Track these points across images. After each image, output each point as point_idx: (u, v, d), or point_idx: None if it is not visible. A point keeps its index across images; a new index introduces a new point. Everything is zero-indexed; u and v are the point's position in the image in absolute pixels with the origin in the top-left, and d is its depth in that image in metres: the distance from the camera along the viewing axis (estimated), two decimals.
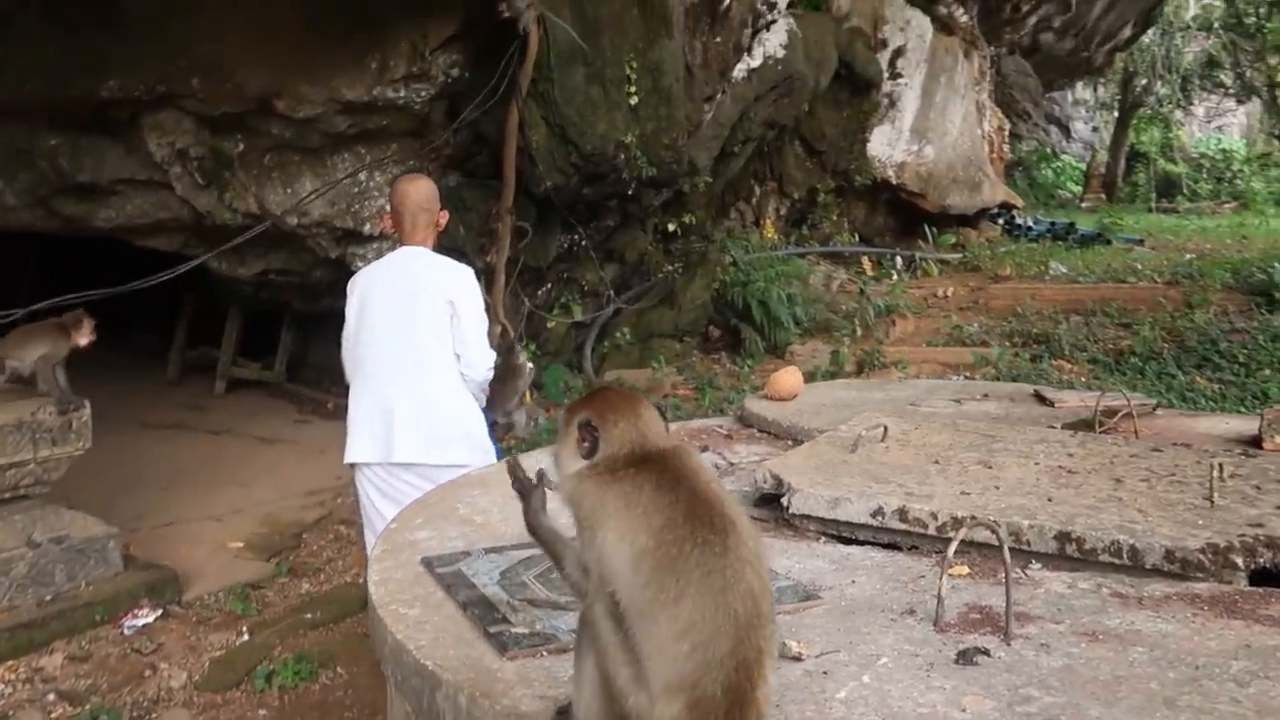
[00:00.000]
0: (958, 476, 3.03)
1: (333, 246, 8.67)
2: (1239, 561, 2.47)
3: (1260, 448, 3.64)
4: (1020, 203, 16.09)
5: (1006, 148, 16.08)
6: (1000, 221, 15.46)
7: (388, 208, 4.48)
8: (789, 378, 4.44)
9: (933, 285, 12.38)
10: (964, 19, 14.07)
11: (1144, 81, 28.24)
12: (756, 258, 10.90)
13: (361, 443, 4.16)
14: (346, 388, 4.34)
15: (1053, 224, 16.45)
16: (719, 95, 9.86)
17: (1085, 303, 10.76)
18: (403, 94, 7.94)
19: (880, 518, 2.82)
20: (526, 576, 2.63)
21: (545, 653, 2.21)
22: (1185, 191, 27.58)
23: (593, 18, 8.01)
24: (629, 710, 1.64)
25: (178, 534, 6.68)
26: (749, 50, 10.15)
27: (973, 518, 2.63)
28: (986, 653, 2.13)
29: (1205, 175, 29.09)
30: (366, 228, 8.49)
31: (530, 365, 4.91)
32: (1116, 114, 29.57)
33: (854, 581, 2.57)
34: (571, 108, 8.09)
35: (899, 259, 13.09)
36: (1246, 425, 4.06)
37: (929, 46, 12.91)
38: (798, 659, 2.14)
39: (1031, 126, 20.16)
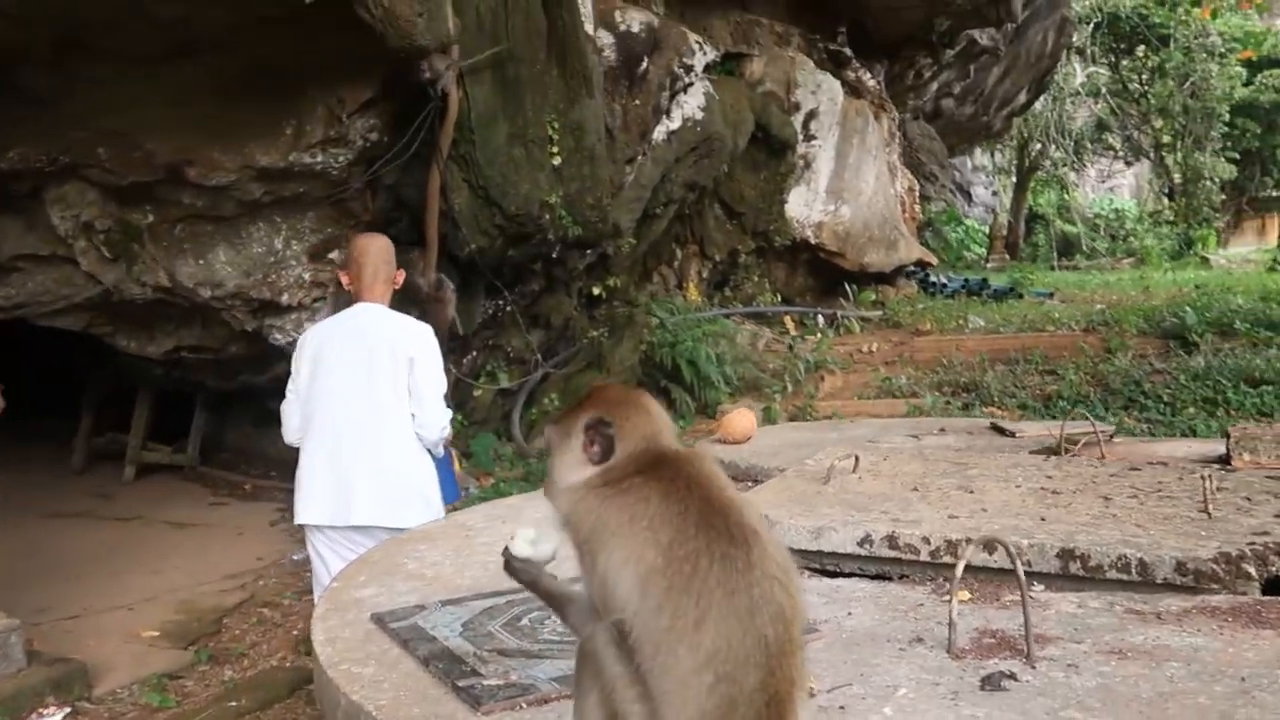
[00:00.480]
0: (941, 502, 2.88)
1: (248, 319, 8.33)
2: (1252, 571, 2.35)
3: (1230, 465, 3.58)
4: (935, 260, 16.37)
5: (918, 208, 16.36)
6: (916, 279, 15.68)
7: (341, 263, 4.45)
8: (742, 419, 4.28)
9: (856, 341, 12.42)
10: (871, 83, 14.38)
11: (1039, 146, 29.25)
12: (683, 319, 10.81)
13: (315, 504, 3.99)
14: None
15: (966, 280, 16.77)
16: (639, 157, 9.82)
17: (1008, 351, 10.87)
18: (320, 159, 7.71)
19: (868, 546, 2.64)
20: (492, 626, 2.39)
21: (524, 705, 1.99)
22: (1084, 250, 28.52)
23: (513, 78, 7.92)
24: None
25: (86, 626, 6.22)
26: (668, 113, 10.17)
27: (967, 540, 2.47)
28: (1013, 676, 1.96)
29: (1101, 234, 30.14)
30: (284, 298, 8.18)
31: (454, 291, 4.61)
32: (1014, 178, 30.53)
33: (850, 613, 2.38)
34: (494, 169, 7.95)
35: (821, 317, 13.13)
36: (1207, 447, 4.01)
37: (840, 109, 13.12)
38: (810, 695, 1.94)
39: (939, 188, 20.63)
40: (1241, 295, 13.20)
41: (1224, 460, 3.63)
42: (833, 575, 2.72)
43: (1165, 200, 30.07)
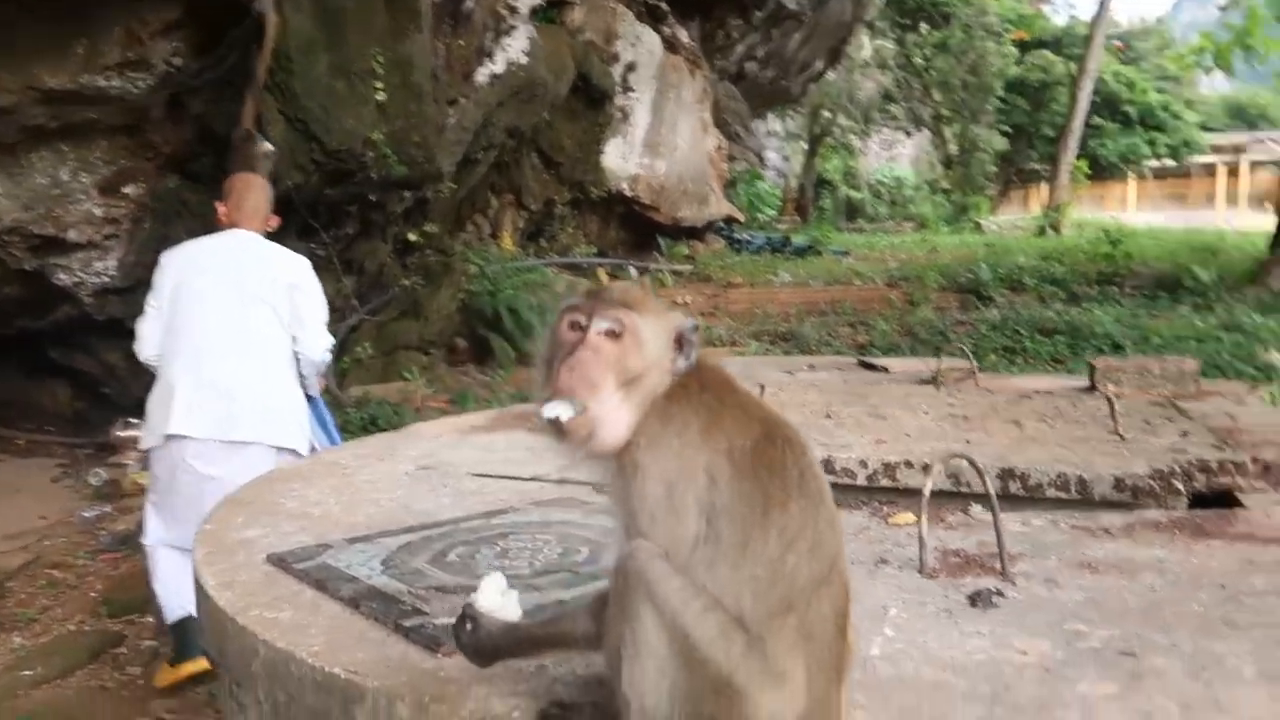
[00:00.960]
0: (859, 428, 2.83)
1: (28, 257, 7.51)
2: (1180, 486, 2.40)
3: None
4: (743, 217, 16.68)
5: (726, 166, 16.59)
6: (723, 235, 15.95)
7: (223, 198, 4.22)
8: None
9: (669, 294, 12.49)
10: (687, 40, 14.39)
11: (829, 114, 30.28)
12: (502, 268, 10.54)
13: (186, 417, 3.79)
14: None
15: (769, 238, 17.26)
16: (462, 99, 9.44)
17: (819, 304, 11.19)
18: (116, 83, 6.99)
19: None
20: (418, 563, 2.17)
21: None
22: (868, 214, 29.87)
23: (336, 6, 7.41)
24: (727, 668, 1.26)
25: None
26: (491, 55, 9.81)
27: (907, 462, 2.42)
28: (1000, 593, 1.90)
29: (883, 200, 31.61)
30: (71, 234, 7.42)
31: (271, 148, 5.29)
32: (806, 144, 31.51)
33: None
34: (313, 101, 7.44)
35: (634, 270, 13.13)
36: (1069, 381, 4.14)
37: (659, 63, 13.08)
38: None
39: (742, 149, 20.99)
40: (1022, 255, 14.09)
41: (1089, 391, 3.76)
42: None
43: (942, 169, 31.77)
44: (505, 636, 1.48)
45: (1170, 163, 32.52)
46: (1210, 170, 35.98)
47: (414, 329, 9.92)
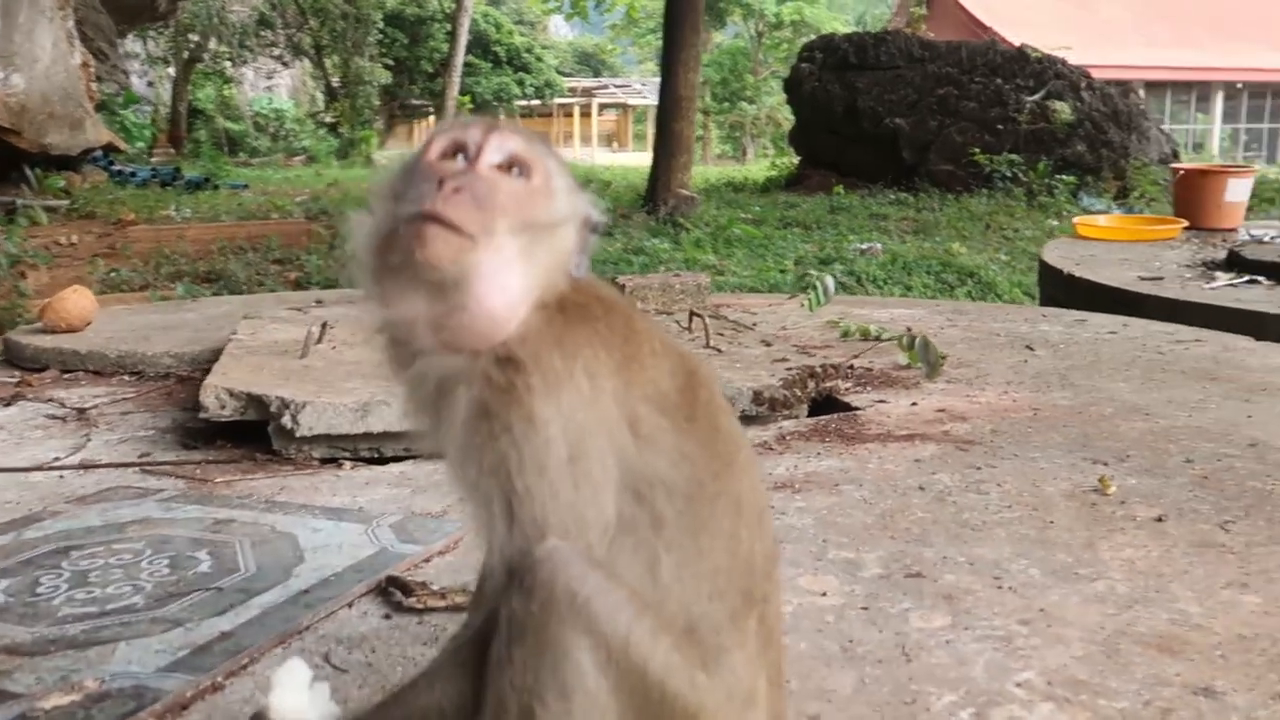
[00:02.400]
0: None
1: None
2: (801, 394, 2.40)
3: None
4: (125, 146, 14.77)
5: (95, 86, 14.48)
6: (103, 166, 14.01)
7: None
8: (82, 300, 3.27)
9: (49, 233, 10.65)
10: None
11: (197, 38, 27.98)
12: None
13: None
14: None
15: (156, 170, 15.54)
16: None
17: (237, 240, 10.25)
18: None
19: None
20: None
21: None
22: (248, 147, 28.24)
23: None
24: (694, 703, 0.92)
25: None
26: None
27: None
28: None
29: (265, 133, 30.09)
30: None
31: None
32: (174, 70, 28.88)
33: None
34: None
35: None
36: None
37: None
38: None
39: (110, 69, 18.51)
40: None
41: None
42: (382, 461, 2.16)
43: (325, 102, 30.94)
44: None
45: (536, 102, 34.90)
46: (569, 111, 39.31)
47: None
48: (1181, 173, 6.84)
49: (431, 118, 29.53)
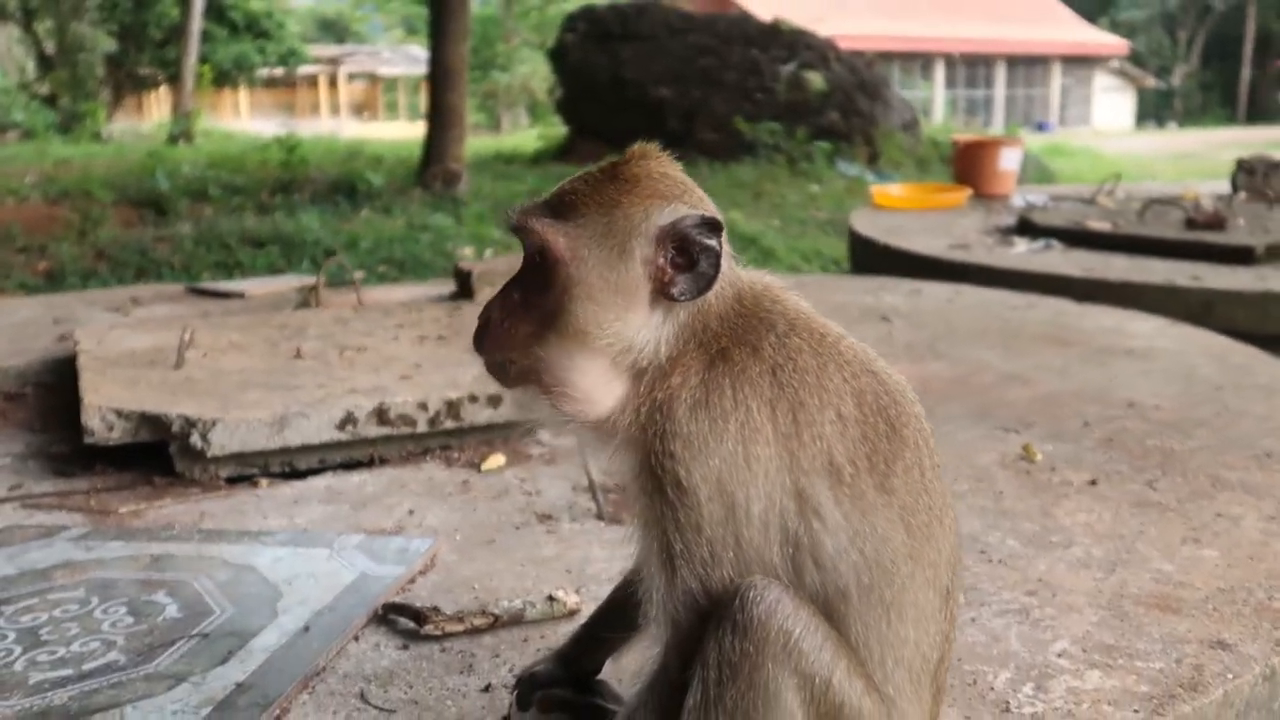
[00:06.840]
0: (365, 365, 2.39)
1: None
2: None
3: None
4: None
5: None
6: None
7: None
8: None
9: None
10: None
11: None
12: None
13: None
14: None
15: None
16: None
17: None
18: None
19: (353, 427, 2.04)
20: None
21: None
22: None
23: None
24: None
25: None
26: None
27: (471, 397, 2.11)
28: None
29: None
30: None
31: None
32: None
33: (412, 511, 1.84)
34: None
35: None
36: (435, 288, 4.01)
37: None
38: (575, 612, 1.47)
39: None
40: (187, 165, 13.28)
41: (461, 295, 3.65)
42: (300, 475, 2.02)
43: (39, 71, 28.24)
44: None
45: (279, 71, 33.23)
46: (313, 80, 37.67)
47: None
48: (961, 145, 7.32)
49: (164, 88, 27.55)
